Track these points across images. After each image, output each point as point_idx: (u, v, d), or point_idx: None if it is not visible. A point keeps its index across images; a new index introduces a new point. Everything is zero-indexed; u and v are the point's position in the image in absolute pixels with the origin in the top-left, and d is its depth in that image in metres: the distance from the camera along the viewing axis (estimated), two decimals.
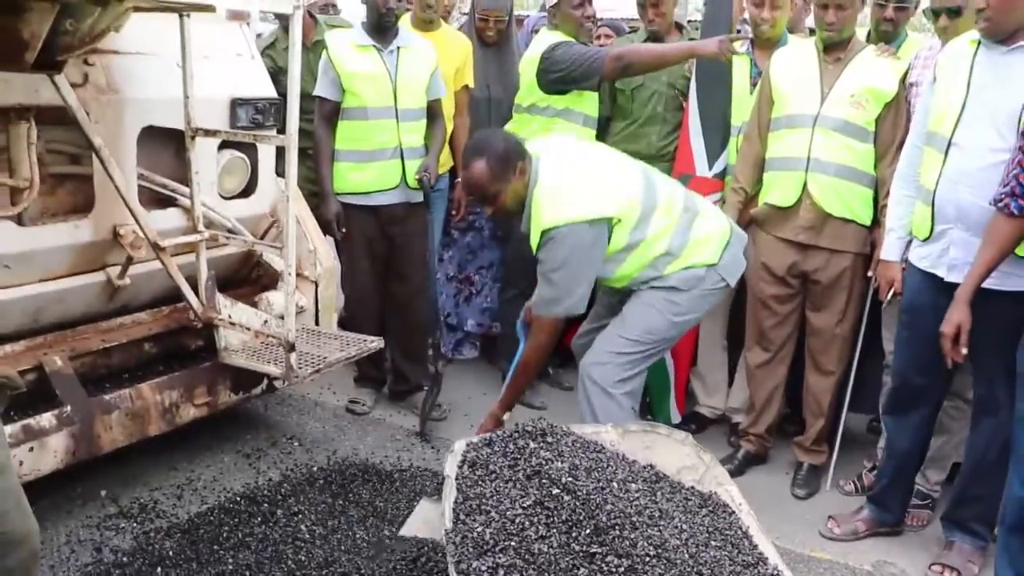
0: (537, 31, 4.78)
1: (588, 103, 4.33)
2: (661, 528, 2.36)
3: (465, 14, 4.96)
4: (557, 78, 4.16)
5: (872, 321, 3.82)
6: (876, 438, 4.01)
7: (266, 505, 3.41)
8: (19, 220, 2.99)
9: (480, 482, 2.48)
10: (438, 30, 4.67)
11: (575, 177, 3.23)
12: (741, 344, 4.19)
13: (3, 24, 2.43)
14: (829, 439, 3.97)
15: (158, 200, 3.47)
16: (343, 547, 3.15)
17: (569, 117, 4.29)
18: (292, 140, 2.95)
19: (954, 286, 3.03)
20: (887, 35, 3.89)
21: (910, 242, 3.35)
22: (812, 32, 4.06)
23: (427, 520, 3.00)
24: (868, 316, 3.80)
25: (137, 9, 2.80)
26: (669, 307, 3.29)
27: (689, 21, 5.33)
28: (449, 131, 4.53)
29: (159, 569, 3.01)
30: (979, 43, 3.04)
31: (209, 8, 2.53)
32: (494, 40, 4.79)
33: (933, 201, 3.11)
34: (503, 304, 4.82)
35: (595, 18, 4.43)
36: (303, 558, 3.05)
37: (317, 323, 3.94)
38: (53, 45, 2.59)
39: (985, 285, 2.91)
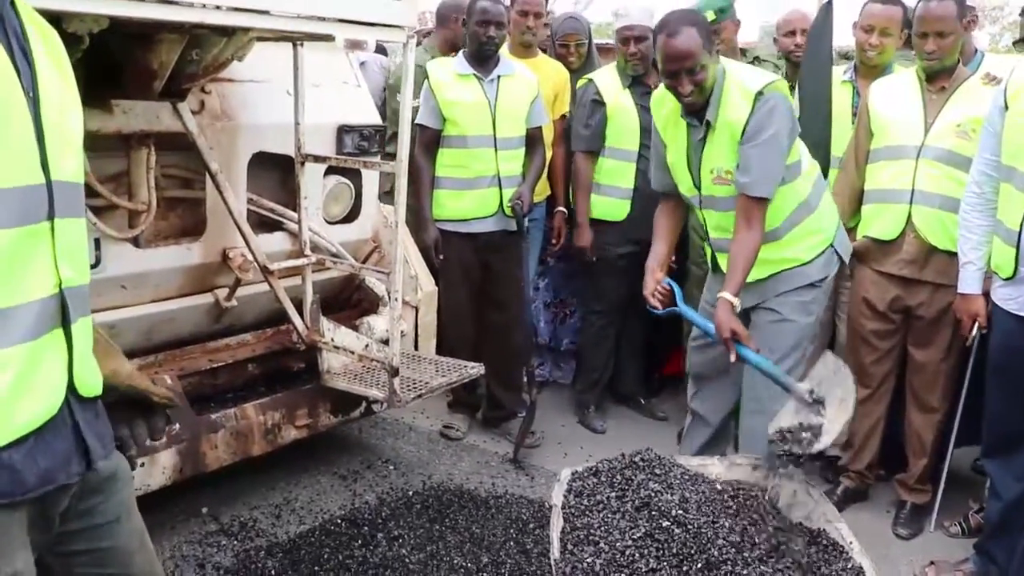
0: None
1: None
2: (772, 564, 2.31)
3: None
4: None
5: (981, 352, 3.63)
6: (983, 477, 3.87)
7: (365, 528, 3.43)
8: (136, 242, 3.08)
9: (587, 512, 2.46)
10: (536, 56, 4.70)
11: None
12: None
13: (134, 54, 2.52)
14: (933, 478, 3.85)
15: (265, 224, 3.54)
16: (442, 573, 3.15)
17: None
18: (402, 166, 2.98)
19: None
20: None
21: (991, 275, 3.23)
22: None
23: None
24: (977, 346, 3.62)
25: (260, 38, 2.87)
26: (799, 309, 3.24)
27: (742, 50, 5.24)
28: (548, 159, 4.54)
29: None
30: None
31: (329, 37, 2.59)
32: (577, 66, 4.81)
33: (1019, 243, 2.97)
34: (588, 329, 4.83)
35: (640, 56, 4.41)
36: None
37: (416, 348, 3.97)
38: (179, 74, 2.67)
39: None
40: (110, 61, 2.63)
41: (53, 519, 1.63)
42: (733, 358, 2.94)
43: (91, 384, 1.63)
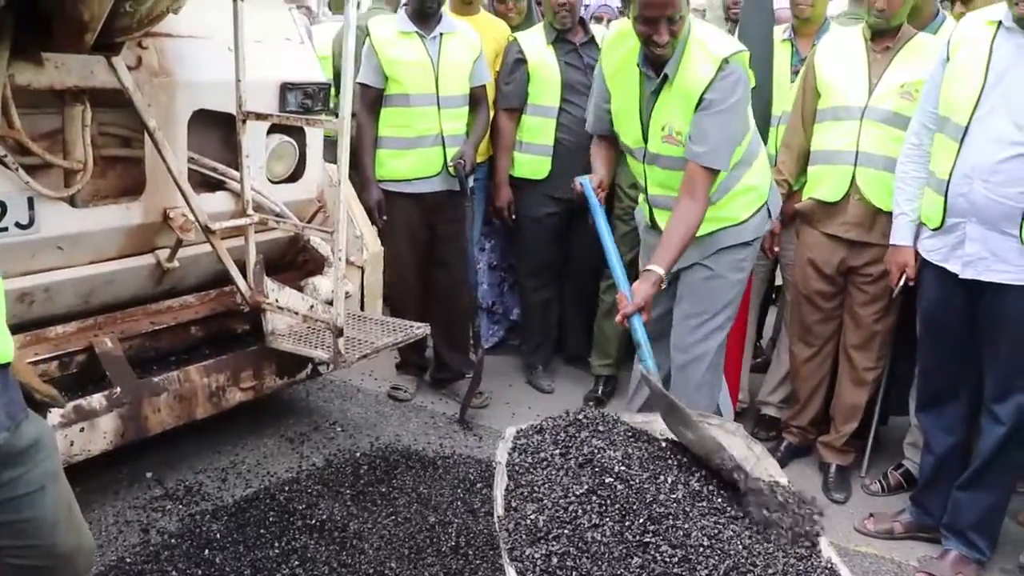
0: (599, 19, 4.79)
1: None
2: (716, 518, 2.33)
3: None
4: None
5: (905, 319, 3.70)
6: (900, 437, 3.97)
7: (312, 490, 3.42)
8: (72, 202, 3.01)
9: (531, 469, 2.47)
10: (477, 14, 4.66)
11: None
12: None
13: (64, 5, 2.44)
14: (857, 439, 3.92)
15: (207, 184, 3.48)
16: (388, 533, 3.16)
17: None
18: (345, 124, 2.94)
19: (969, 283, 3.01)
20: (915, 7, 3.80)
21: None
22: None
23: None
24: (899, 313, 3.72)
25: None
26: (733, 266, 3.26)
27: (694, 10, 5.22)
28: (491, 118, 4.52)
29: (207, 551, 3.04)
30: (999, 24, 2.93)
31: None
32: (517, 23, 4.77)
33: (947, 193, 3.03)
34: (528, 292, 4.84)
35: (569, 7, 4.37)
36: (350, 543, 3.07)
37: (362, 308, 3.95)
38: (111, 27, 2.59)
39: (1003, 280, 2.94)
40: (40, 12, 2.55)
41: None
42: (620, 319, 2.88)
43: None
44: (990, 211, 2.92)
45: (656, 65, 3.05)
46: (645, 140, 3.19)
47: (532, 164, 4.51)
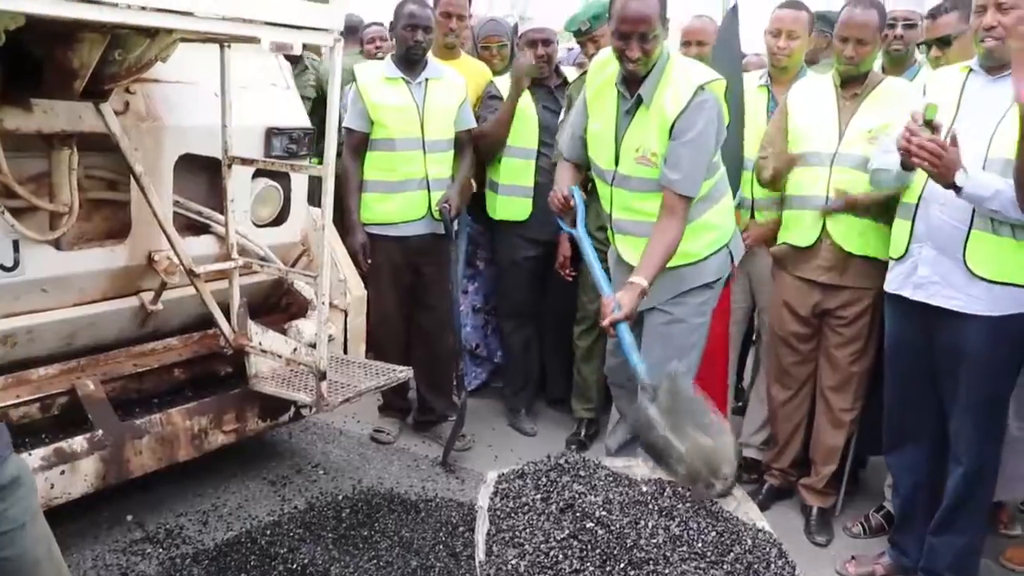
0: (581, 66, 4.86)
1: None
2: (696, 563, 2.35)
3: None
4: None
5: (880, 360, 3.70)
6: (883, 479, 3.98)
7: (294, 534, 3.41)
8: (57, 244, 3.03)
9: (513, 514, 2.48)
10: (459, 58, 4.72)
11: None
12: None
13: (54, 53, 2.47)
14: (836, 481, 3.94)
15: (192, 227, 3.50)
16: None
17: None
18: (329, 170, 2.97)
19: (925, 315, 3.07)
20: (899, 57, 3.92)
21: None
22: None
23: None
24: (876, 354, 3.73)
25: (184, 40, 2.84)
26: (694, 310, 3.28)
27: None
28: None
29: None
30: (970, 70, 3.07)
31: (254, 40, 2.57)
32: (500, 68, 4.84)
33: (913, 217, 3.12)
34: (508, 335, 4.86)
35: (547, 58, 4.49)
36: None
37: (345, 352, 3.96)
38: (101, 74, 2.63)
39: (952, 307, 3.00)
40: (30, 59, 2.58)
41: None
42: (608, 326, 2.93)
43: None
44: (942, 234, 3.01)
45: (631, 84, 3.12)
46: (616, 162, 3.23)
47: (513, 206, 4.55)
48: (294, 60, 5.20)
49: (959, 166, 2.79)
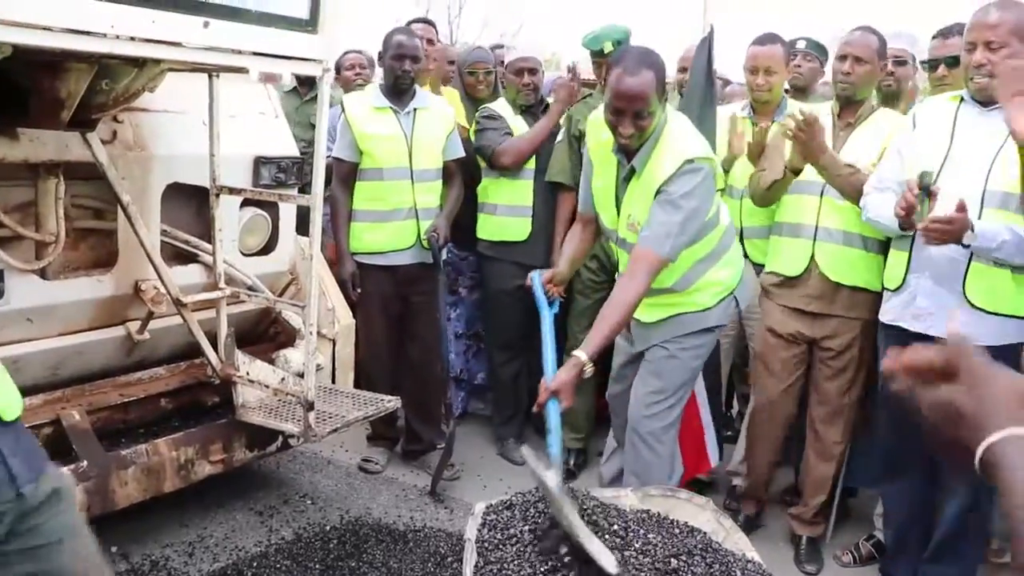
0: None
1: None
2: None
3: None
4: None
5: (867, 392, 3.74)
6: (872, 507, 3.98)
7: (282, 565, 3.38)
8: (43, 274, 3.01)
9: (500, 546, 2.46)
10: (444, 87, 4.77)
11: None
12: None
13: (41, 83, 2.47)
14: (825, 510, 3.91)
15: (179, 256, 3.49)
16: None
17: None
18: (317, 200, 2.97)
19: (919, 337, 3.03)
20: (891, 93, 3.95)
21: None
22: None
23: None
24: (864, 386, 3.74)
25: (172, 69, 2.84)
26: (691, 352, 3.29)
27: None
28: None
29: None
30: (961, 99, 3.10)
31: (243, 70, 2.57)
32: (486, 95, 4.86)
33: (911, 248, 3.13)
34: (499, 367, 4.84)
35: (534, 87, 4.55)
36: None
37: (334, 381, 3.94)
38: (88, 104, 2.63)
39: None
40: (16, 87, 2.58)
41: None
42: (536, 409, 2.82)
43: (9, 407, 1.59)
44: (941, 266, 3.02)
45: (627, 152, 3.10)
46: (617, 223, 3.25)
47: (512, 226, 4.57)
48: (309, 85, 5.24)
49: (967, 228, 2.80)
